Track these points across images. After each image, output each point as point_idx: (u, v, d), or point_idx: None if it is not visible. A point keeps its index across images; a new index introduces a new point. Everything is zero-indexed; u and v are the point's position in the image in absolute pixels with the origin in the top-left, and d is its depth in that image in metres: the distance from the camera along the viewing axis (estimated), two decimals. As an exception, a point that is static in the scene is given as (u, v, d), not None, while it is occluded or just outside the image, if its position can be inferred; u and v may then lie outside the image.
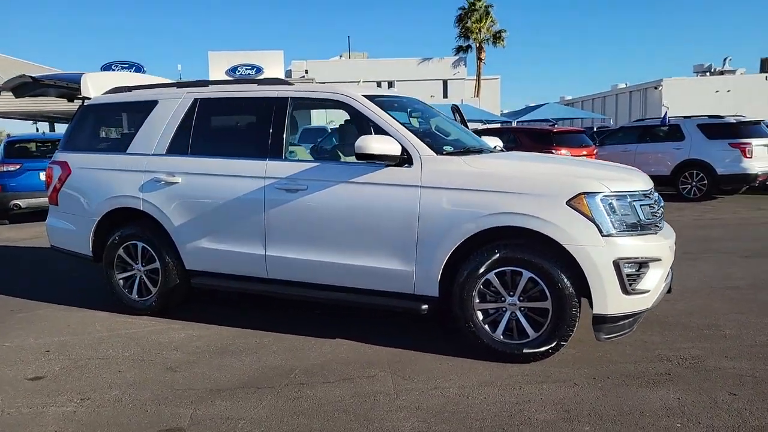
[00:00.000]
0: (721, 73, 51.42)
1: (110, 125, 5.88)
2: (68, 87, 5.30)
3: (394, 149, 3.90)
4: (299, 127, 9.86)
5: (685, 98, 38.11)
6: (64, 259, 5.60)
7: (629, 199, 3.65)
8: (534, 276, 3.65)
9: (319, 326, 4.51)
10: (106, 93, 5.26)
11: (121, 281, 4.97)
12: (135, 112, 5.13)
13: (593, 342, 3.74)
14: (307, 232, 4.21)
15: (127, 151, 4.92)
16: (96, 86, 5.23)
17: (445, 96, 38.86)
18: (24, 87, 5.58)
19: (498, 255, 3.71)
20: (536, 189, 3.66)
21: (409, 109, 5.11)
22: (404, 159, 3.96)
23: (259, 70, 30.31)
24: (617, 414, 3.05)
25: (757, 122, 12.90)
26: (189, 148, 4.69)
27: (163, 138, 4.76)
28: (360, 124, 4.45)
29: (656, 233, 3.75)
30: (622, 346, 3.93)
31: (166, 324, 4.68)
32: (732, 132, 12.27)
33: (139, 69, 24.69)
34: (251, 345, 4.19)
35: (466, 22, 40.98)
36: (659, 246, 3.68)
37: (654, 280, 3.65)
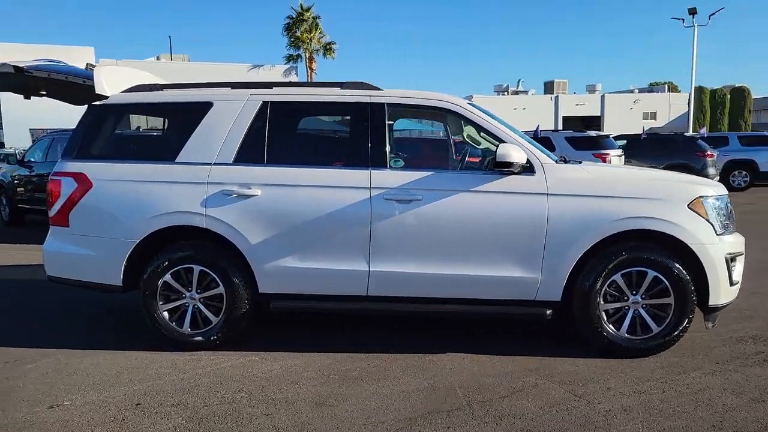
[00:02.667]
0: (516, 93, 58.54)
1: (127, 128, 4.91)
2: (71, 82, 4.34)
3: (523, 157, 3.94)
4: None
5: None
6: (57, 290, 4.56)
7: (725, 202, 4.15)
8: (658, 275, 3.96)
9: (400, 343, 4.32)
10: (127, 91, 4.41)
11: (166, 313, 4.21)
12: (178, 114, 4.41)
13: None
14: (422, 245, 4.02)
15: (177, 160, 4.19)
16: (111, 83, 4.36)
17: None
18: (2, 80, 4.42)
19: (625, 257, 3.95)
20: (659, 194, 3.98)
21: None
22: (526, 167, 4.01)
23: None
24: (777, 390, 3.47)
25: (607, 136, 15.08)
26: (265, 156, 4.17)
27: (228, 145, 4.16)
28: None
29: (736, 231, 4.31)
30: (703, 334, 4.41)
31: (237, 357, 4.08)
32: (594, 144, 14.18)
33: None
34: (373, 369, 3.87)
35: (295, 32, 41.20)
36: (742, 241, 4.24)
37: (740, 272, 4.19)
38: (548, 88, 60.12)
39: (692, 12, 28.89)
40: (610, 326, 4.02)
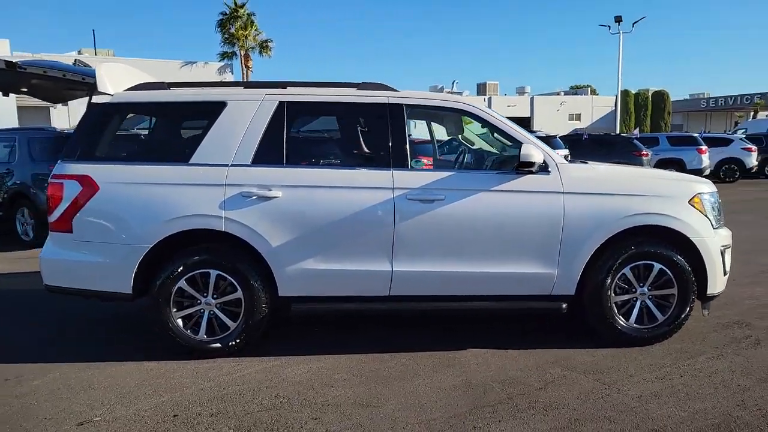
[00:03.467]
0: (451, 93, 59.81)
1: (141, 129, 4.65)
2: (68, 80, 4.10)
3: (542, 157, 4.08)
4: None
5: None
6: (43, 300, 4.28)
7: (717, 198, 4.46)
8: (663, 267, 4.21)
9: (418, 342, 4.38)
10: (131, 90, 4.22)
11: (180, 320, 4.06)
12: (189, 114, 4.25)
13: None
14: (444, 244, 4.09)
15: (192, 162, 4.04)
16: (113, 80, 4.16)
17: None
18: None
19: (633, 251, 4.18)
20: (663, 191, 4.23)
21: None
22: (542, 167, 4.15)
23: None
24: (778, 370, 3.79)
25: (554, 137, 15.73)
26: (284, 157, 4.10)
27: (245, 146, 4.06)
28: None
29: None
30: (692, 322, 4.71)
31: (258, 362, 3.99)
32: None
33: None
34: (401, 368, 3.90)
35: (229, 28, 40.42)
36: (730, 235, 4.57)
37: (729, 263, 4.51)
38: (481, 89, 61.84)
39: (618, 20, 30.55)
40: (621, 317, 4.24)
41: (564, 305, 4.20)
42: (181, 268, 3.99)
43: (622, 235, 4.16)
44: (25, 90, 4.70)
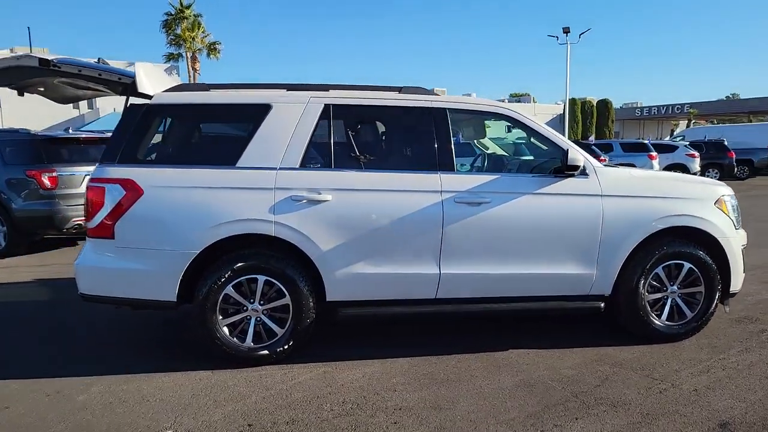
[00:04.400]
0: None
1: (184, 131, 4.43)
2: (104, 80, 3.92)
3: (583, 161, 4.21)
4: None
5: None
6: (63, 309, 4.07)
7: (736, 201, 4.72)
8: (692, 266, 4.42)
9: (459, 343, 4.44)
10: (170, 91, 4.07)
11: (226, 328, 3.95)
12: (233, 117, 4.14)
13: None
14: (489, 246, 4.15)
15: (239, 165, 3.94)
16: (152, 81, 4.01)
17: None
18: (17, 73, 3.87)
19: (665, 251, 4.36)
20: (692, 194, 4.44)
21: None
22: (582, 170, 4.28)
23: None
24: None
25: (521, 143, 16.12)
26: (332, 160, 4.05)
27: (293, 149, 3.99)
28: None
29: (739, 226, 4.91)
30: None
31: (309, 368, 3.93)
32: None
33: None
34: (455, 370, 3.92)
35: (175, 29, 39.34)
36: (745, 235, 4.84)
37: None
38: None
39: (566, 31, 31.73)
40: (654, 315, 4.42)
41: (602, 305, 4.34)
42: (229, 273, 3.88)
43: (654, 237, 4.34)
44: (42, 90, 4.44)
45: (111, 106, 33.37)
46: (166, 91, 4.07)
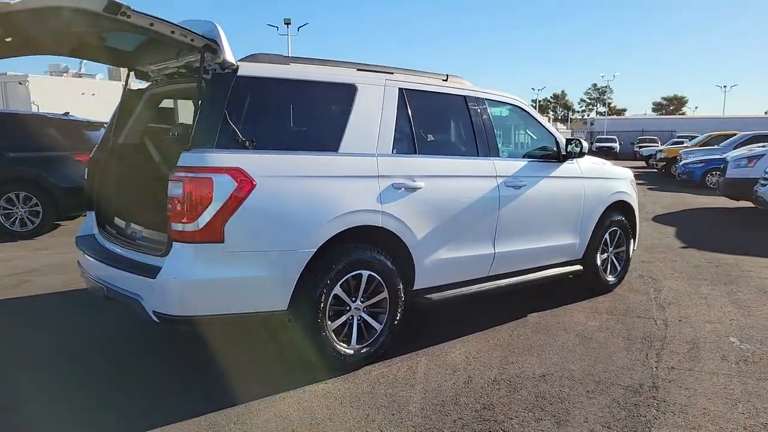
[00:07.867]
0: (80, 76, 52.96)
1: (275, 110, 3.40)
2: (174, 41, 3.06)
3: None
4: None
5: (53, 97, 38.38)
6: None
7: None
8: (621, 230, 5.70)
9: (476, 313, 4.91)
10: (250, 61, 3.40)
11: (333, 332, 3.59)
12: (322, 96, 3.62)
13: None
14: (525, 225, 4.66)
15: (341, 151, 3.56)
16: (229, 50, 3.29)
17: None
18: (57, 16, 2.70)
19: (609, 220, 5.53)
20: (622, 175, 5.72)
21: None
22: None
23: None
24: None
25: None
26: (415, 146, 3.98)
27: (384, 134, 3.80)
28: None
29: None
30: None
31: (404, 360, 3.87)
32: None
33: None
34: (523, 338, 4.34)
35: None
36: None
37: (628, 225, 6.34)
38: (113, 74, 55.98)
39: (287, 22, 32.36)
40: (603, 272, 5.57)
41: (581, 267, 5.29)
42: (339, 270, 3.53)
43: (605, 210, 5.47)
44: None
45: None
46: (241, 60, 3.38)
